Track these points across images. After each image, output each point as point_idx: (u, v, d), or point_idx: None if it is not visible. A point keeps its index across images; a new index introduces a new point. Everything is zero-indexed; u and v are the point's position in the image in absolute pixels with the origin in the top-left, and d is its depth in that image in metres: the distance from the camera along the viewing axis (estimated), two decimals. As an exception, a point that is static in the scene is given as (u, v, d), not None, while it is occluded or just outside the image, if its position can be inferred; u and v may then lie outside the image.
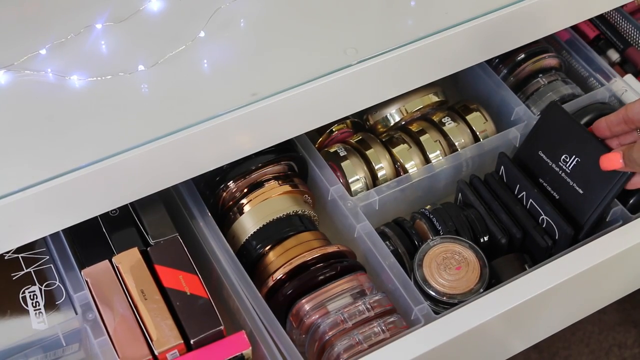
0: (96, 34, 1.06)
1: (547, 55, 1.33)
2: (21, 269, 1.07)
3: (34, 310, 1.04)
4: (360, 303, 1.06)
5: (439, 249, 1.11)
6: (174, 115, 0.98)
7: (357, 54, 1.05)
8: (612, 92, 1.29)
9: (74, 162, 0.93)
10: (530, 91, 1.31)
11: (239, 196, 1.15)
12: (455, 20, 1.09)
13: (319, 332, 1.05)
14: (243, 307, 1.04)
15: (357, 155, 1.22)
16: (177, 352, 0.97)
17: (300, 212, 1.15)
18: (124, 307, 0.99)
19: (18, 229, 0.95)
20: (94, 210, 1.00)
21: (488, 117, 1.27)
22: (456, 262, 1.10)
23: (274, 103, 1.00)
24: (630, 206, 1.16)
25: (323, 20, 1.09)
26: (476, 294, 1.07)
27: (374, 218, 1.16)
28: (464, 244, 1.11)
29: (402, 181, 1.19)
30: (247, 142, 1.04)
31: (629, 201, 1.16)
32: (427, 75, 1.13)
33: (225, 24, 1.08)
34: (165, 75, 1.02)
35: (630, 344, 1.37)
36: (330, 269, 1.08)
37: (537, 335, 1.22)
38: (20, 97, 1.00)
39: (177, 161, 1.00)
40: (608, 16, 1.44)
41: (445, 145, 1.25)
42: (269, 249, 1.12)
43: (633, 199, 1.17)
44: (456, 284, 1.09)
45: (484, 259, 1.10)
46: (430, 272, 1.09)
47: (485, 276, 1.09)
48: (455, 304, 1.07)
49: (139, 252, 1.02)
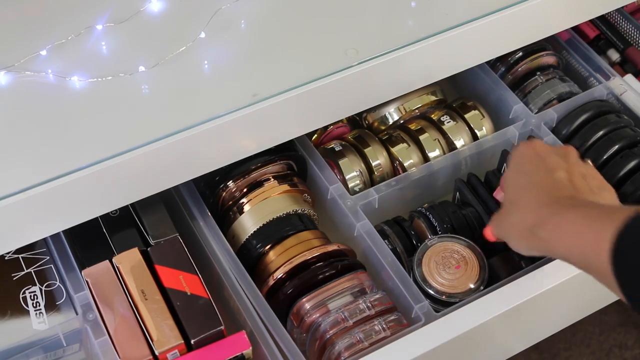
0: (97, 34, 1.06)
1: (544, 53, 1.33)
2: (21, 270, 1.07)
3: (35, 311, 1.04)
4: (360, 301, 1.06)
5: (438, 248, 1.12)
6: (174, 116, 0.98)
7: (357, 55, 1.05)
8: (610, 90, 1.29)
9: (75, 163, 0.93)
10: (528, 89, 1.31)
11: (239, 196, 1.15)
12: (456, 21, 1.09)
13: (320, 330, 1.05)
14: (243, 307, 1.05)
15: (354, 152, 1.22)
16: (177, 352, 0.97)
17: (300, 211, 1.15)
18: (124, 308, 0.99)
19: (19, 229, 0.96)
20: (94, 211, 1.00)
21: (486, 115, 1.27)
22: (455, 261, 1.10)
23: (275, 104, 1.00)
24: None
25: (323, 21, 1.09)
26: (476, 293, 1.07)
27: (374, 216, 1.16)
28: (462, 243, 1.12)
29: (401, 180, 1.19)
30: (248, 143, 1.04)
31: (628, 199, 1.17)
32: (428, 77, 1.13)
33: (225, 25, 1.08)
34: (165, 76, 1.02)
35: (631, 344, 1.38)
36: (330, 267, 1.08)
37: (537, 336, 1.23)
38: (21, 98, 1.00)
39: (178, 162, 1.00)
40: (608, 16, 1.44)
41: (444, 144, 1.25)
42: (269, 248, 1.12)
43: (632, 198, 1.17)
44: (456, 282, 1.09)
45: (483, 258, 1.10)
46: (430, 271, 1.10)
47: (484, 275, 1.09)
48: (455, 302, 1.07)
49: (139, 253, 1.03)
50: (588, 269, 0.82)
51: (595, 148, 1.22)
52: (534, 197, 0.93)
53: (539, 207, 0.91)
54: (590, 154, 1.21)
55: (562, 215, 0.87)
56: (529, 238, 0.92)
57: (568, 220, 0.86)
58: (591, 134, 1.23)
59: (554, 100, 1.29)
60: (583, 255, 0.82)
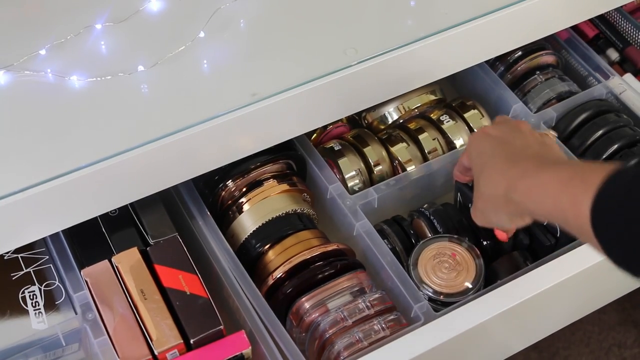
0: (96, 34, 1.06)
1: (544, 52, 1.33)
2: (21, 269, 1.07)
3: (34, 310, 1.04)
4: (360, 301, 1.06)
5: (433, 249, 1.11)
6: (173, 116, 0.98)
7: (356, 55, 1.05)
8: (610, 89, 1.29)
9: (74, 162, 0.93)
10: (528, 88, 1.31)
11: (238, 195, 1.15)
12: (455, 20, 1.09)
13: (319, 330, 1.05)
14: (243, 306, 1.05)
15: (353, 152, 1.22)
16: (177, 352, 0.97)
17: (299, 211, 1.15)
18: (123, 307, 0.99)
19: (18, 229, 0.96)
20: (93, 211, 1.00)
21: (486, 114, 1.27)
22: (452, 261, 1.10)
23: (274, 103, 1.00)
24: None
25: (323, 21, 1.09)
26: (473, 292, 1.07)
27: (373, 216, 1.16)
28: (457, 242, 1.11)
29: (400, 179, 1.19)
30: (247, 143, 1.04)
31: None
32: (427, 76, 1.13)
33: (225, 25, 1.08)
34: (165, 76, 1.02)
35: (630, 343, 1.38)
36: (329, 267, 1.08)
37: (536, 335, 1.23)
38: (20, 98, 1.00)
39: (177, 161, 1.00)
40: (607, 15, 1.44)
41: (444, 143, 1.25)
42: (269, 247, 1.12)
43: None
44: (452, 282, 1.09)
45: (479, 257, 1.10)
46: (426, 272, 1.09)
47: (480, 274, 1.09)
48: (453, 303, 1.07)
49: (138, 252, 1.03)
50: (569, 228, 0.84)
51: (595, 147, 1.22)
52: (500, 164, 0.94)
53: (508, 171, 0.92)
54: (589, 153, 1.22)
55: (533, 178, 0.88)
56: (506, 205, 0.93)
57: (541, 183, 0.87)
58: (590, 133, 1.23)
59: (553, 100, 1.29)
60: (563, 217, 0.84)
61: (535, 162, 0.91)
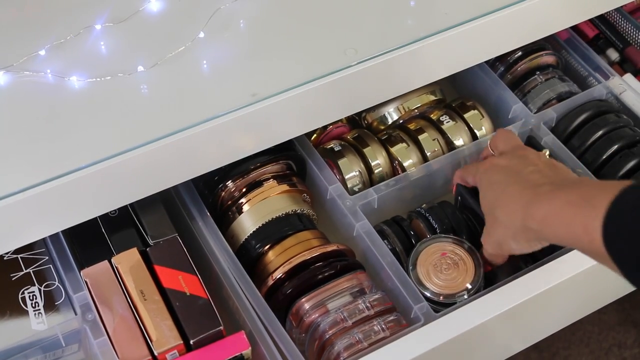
0: (95, 34, 1.06)
1: (544, 52, 1.33)
2: (20, 270, 1.07)
3: (34, 311, 1.04)
4: (360, 302, 1.06)
5: (432, 249, 1.11)
6: (173, 116, 0.98)
7: (356, 55, 1.05)
8: (610, 90, 1.29)
9: (74, 163, 0.93)
10: (528, 89, 1.31)
11: (238, 196, 1.15)
12: (455, 20, 1.09)
13: (319, 330, 1.05)
14: (242, 307, 1.05)
15: (353, 152, 1.22)
16: (176, 353, 0.97)
17: (299, 211, 1.15)
18: (123, 308, 0.99)
19: (18, 229, 0.95)
20: (93, 211, 1.00)
21: (485, 115, 1.27)
22: (451, 262, 1.10)
23: (274, 103, 1.00)
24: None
25: (323, 21, 1.09)
26: (472, 293, 1.07)
27: (373, 216, 1.16)
28: (456, 243, 1.11)
29: (400, 180, 1.19)
30: (247, 143, 1.04)
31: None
32: (427, 76, 1.13)
33: (224, 25, 1.08)
34: (164, 76, 1.02)
35: (630, 343, 1.38)
36: (329, 267, 1.08)
37: (537, 335, 1.23)
38: (20, 98, 1.00)
39: (177, 162, 1.00)
40: (607, 15, 1.43)
41: (444, 144, 1.25)
42: (268, 248, 1.12)
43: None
44: (451, 283, 1.08)
45: (478, 258, 1.10)
46: (425, 273, 1.09)
47: (480, 275, 1.09)
48: (453, 303, 1.07)
49: (138, 253, 1.03)
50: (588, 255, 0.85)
51: (595, 148, 1.22)
52: (516, 194, 0.96)
53: (523, 201, 0.94)
54: (589, 154, 1.22)
55: (547, 205, 0.90)
56: (524, 233, 0.96)
57: (554, 211, 0.89)
58: (590, 134, 1.23)
59: (553, 100, 1.29)
60: (580, 244, 0.85)
61: (547, 188, 0.93)
